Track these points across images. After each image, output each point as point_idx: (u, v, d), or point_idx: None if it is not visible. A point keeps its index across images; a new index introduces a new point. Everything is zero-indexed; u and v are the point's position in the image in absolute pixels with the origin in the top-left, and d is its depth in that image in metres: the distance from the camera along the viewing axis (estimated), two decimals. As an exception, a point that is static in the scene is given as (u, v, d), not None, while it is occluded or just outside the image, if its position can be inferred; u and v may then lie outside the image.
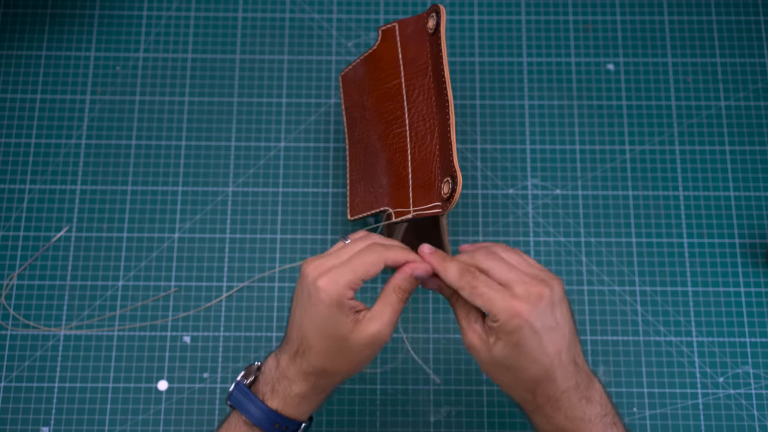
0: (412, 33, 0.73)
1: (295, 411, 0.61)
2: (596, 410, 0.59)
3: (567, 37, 0.90)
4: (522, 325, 0.56)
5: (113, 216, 0.83)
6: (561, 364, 0.58)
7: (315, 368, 0.60)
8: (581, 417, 0.58)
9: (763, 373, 0.78)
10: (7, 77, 0.88)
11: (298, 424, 0.62)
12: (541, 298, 0.57)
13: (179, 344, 0.80)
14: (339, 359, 0.59)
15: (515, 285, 0.58)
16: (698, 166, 0.85)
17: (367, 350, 0.59)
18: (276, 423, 0.60)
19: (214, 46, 0.89)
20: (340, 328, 0.58)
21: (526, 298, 0.57)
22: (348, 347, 0.59)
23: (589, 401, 0.59)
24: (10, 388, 0.78)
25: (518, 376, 0.59)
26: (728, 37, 0.89)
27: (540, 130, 0.86)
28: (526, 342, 0.57)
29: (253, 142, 0.86)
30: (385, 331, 0.59)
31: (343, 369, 0.60)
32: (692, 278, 0.82)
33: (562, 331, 0.58)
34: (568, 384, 0.58)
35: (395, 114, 0.73)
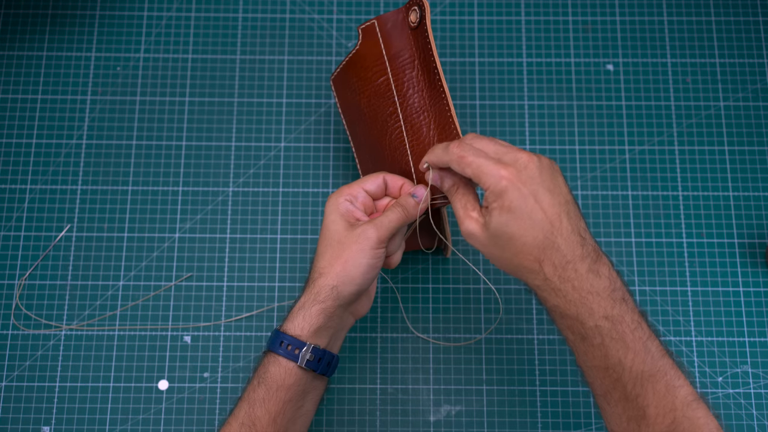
0: (392, 28, 0.73)
1: (294, 326, 0.64)
2: (605, 284, 0.58)
3: (567, 37, 0.90)
4: (509, 187, 0.58)
5: (114, 216, 0.84)
6: (563, 230, 0.58)
7: (314, 273, 0.65)
8: (589, 289, 0.58)
9: (762, 372, 0.79)
10: (8, 78, 0.88)
11: (300, 342, 0.64)
12: (528, 163, 0.59)
13: (179, 344, 0.80)
14: (329, 255, 0.65)
15: (504, 155, 0.60)
16: (698, 167, 0.85)
17: (354, 245, 0.64)
18: (281, 341, 0.64)
19: (214, 47, 0.89)
20: (336, 225, 0.65)
21: (513, 163, 0.59)
22: (340, 243, 0.65)
23: (597, 275, 0.58)
24: (11, 388, 0.78)
25: (520, 244, 0.59)
26: (728, 37, 0.89)
27: (540, 130, 0.87)
28: (519, 204, 0.58)
29: (253, 142, 0.86)
30: (370, 228, 0.64)
31: (335, 268, 0.64)
32: (692, 278, 0.82)
33: (559, 196, 0.59)
34: (574, 254, 0.58)
35: (388, 111, 0.73)
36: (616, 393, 0.58)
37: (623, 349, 0.57)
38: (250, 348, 0.80)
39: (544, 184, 0.59)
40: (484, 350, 0.80)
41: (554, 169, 0.60)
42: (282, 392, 0.64)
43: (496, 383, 0.79)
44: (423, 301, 0.81)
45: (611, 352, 0.57)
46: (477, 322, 0.81)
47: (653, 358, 0.57)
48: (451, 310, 0.81)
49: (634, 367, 0.57)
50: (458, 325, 0.80)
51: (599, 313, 0.57)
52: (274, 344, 0.65)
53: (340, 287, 0.64)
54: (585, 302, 0.58)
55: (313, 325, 0.64)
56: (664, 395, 0.56)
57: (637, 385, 0.57)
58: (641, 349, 0.57)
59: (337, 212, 0.66)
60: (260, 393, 0.64)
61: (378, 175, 0.68)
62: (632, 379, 0.57)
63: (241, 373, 0.79)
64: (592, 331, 0.58)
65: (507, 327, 0.80)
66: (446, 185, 0.65)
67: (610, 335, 0.57)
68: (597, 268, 0.58)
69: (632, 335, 0.57)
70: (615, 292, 0.58)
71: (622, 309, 0.58)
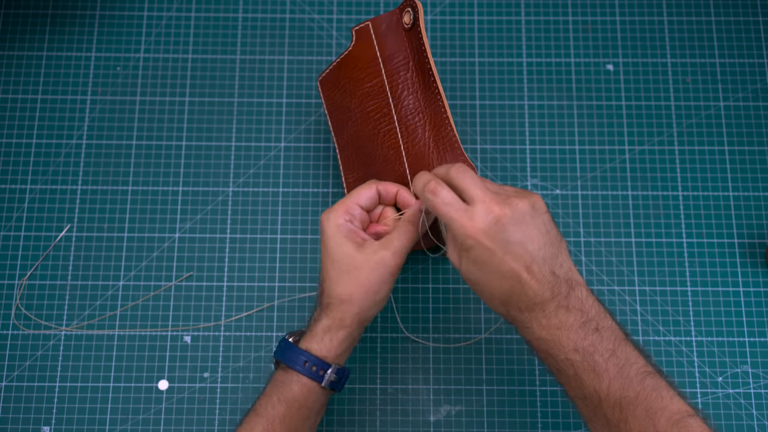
0: (386, 30, 0.73)
1: (320, 347, 0.65)
2: (574, 317, 0.58)
3: (567, 37, 0.90)
4: (475, 245, 0.59)
5: (114, 216, 0.84)
6: (533, 278, 0.58)
7: (330, 298, 0.65)
8: (557, 325, 0.58)
9: (762, 372, 0.79)
10: (8, 78, 0.88)
11: (326, 364, 0.64)
12: (499, 219, 0.58)
13: (179, 344, 0.80)
14: (346, 282, 0.64)
15: (477, 204, 0.59)
16: (698, 167, 0.85)
17: (371, 271, 0.64)
18: (305, 362, 0.64)
19: (214, 46, 0.89)
20: (342, 251, 0.64)
21: (482, 219, 0.58)
22: (351, 269, 0.64)
23: (567, 310, 0.58)
24: (11, 388, 0.78)
25: (488, 292, 0.60)
26: (728, 37, 0.89)
27: (540, 130, 0.87)
28: (485, 260, 0.59)
29: (253, 142, 0.86)
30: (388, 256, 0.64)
31: (353, 294, 0.64)
32: (692, 278, 0.82)
33: (530, 245, 0.59)
34: (542, 296, 0.59)
35: (382, 112, 0.73)
36: (599, 420, 0.58)
37: (597, 379, 0.57)
38: (250, 348, 0.80)
39: (516, 234, 0.59)
40: (484, 350, 0.80)
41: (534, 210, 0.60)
42: (303, 411, 0.65)
43: (496, 383, 0.79)
44: (423, 301, 0.81)
45: (586, 383, 0.58)
46: (477, 322, 0.81)
47: (631, 383, 0.57)
48: (451, 311, 0.81)
49: (611, 395, 0.57)
50: (458, 326, 0.80)
51: (569, 347, 0.58)
52: (295, 362, 0.65)
53: (363, 313, 0.65)
54: (553, 338, 0.58)
55: (340, 347, 0.65)
56: (644, 419, 0.56)
57: (617, 412, 0.57)
58: (617, 375, 0.57)
59: (340, 235, 0.65)
60: (280, 410, 0.64)
61: (370, 187, 0.67)
62: (611, 406, 0.57)
63: (241, 373, 0.79)
64: (564, 364, 0.59)
65: (507, 327, 0.80)
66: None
67: (582, 367, 0.58)
68: (567, 302, 0.59)
69: (606, 364, 0.57)
70: (587, 324, 0.58)
71: (593, 339, 0.58)
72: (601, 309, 0.60)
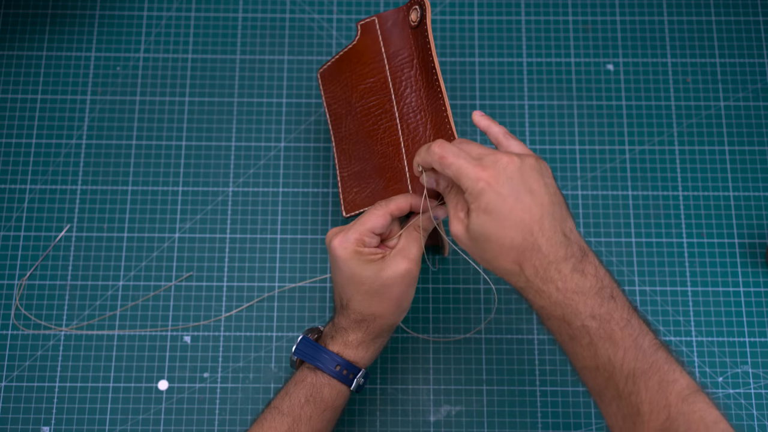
0: (392, 26, 0.73)
1: (354, 354, 0.66)
2: (590, 282, 0.57)
3: (567, 37, 0.90)
4: (486, 189, 0.57)
5: (113, 216, 0.84)
6: (544, 232, 0.57)
7: (361, 315, 0.65)
8: (574, 289, 0.56)
9: (763, 372, 0.79)
10: (8, 77, 0.88)
11: (357, 368, 0.66)
12: (508, 165, 0.58)
13: (179, 344, 0.80)
14: (377, 302, 0.65)
15: (485, 156, 0.59)
16: (698, 166, 0.85)
17: (399, 287, 0.64)
18: (337, 365, 0.65)
19: (214, 46, 0.89)
20: (366, 275, 0.64)
21: (492, 165, 0.58)
22: (380, 288, 0.64)
23: (582, 274, 0.57)
24: (11, 388, 0.78)
25: (498, 246, 0.58)
26: (728, 37, 0.89)
27: (540, 130, 0.87)
28: (496, 206, 0.57)
29: (253, 142, 0.86)
30: (411, 266, 0.64)
31: (386, 310, 0.65)
32: (692, 278, 0.82)
33: (539, 198, 0.58)
34: (556, 254, 0.57)
35: (383, 108, 0.73)
36: (609, 392, 0.57)
37: (612, 348, 0.56)
38: (250, 348, 0.80)
39: (525, 184, 0.58)
40: (484, 350, 0.80)
41: (540, 168, 0.59)
42: (329, 412, 0.66)
43: (496, 383, 0.79)
44: (422, 301, 0.81)
45: (600, 351, 0.56)
46: (477, 322, 0.80)
47: (645, 354, 0.56)
48: (451, 310, 0.81)
49: (625, 365, 0.56)
50: (458, 325, 0.80)
51: (585, 313, 0.56)
52: (326, 365, 0.65)
53: (397, 322, 0.67)
54: (570, 303, 0.56)
55: (374, 355, 0.68)
56: (657, 391, 0.55)
57: (629, 383, 0.55)
58: (631, 346, 0.56)
59: (361, 261, 0.64)
60: (307, 411, 0.65)
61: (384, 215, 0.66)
62: (623, 377, 0.56)
63: (241, 373, 0.79)
64: (579, 331, 0.57)
65: (507, 327, 0.80)
66: (441, 186, 0.65)
67: (598, 334, 0.56)
68: (582, 267, 0.57)
69: (621, 333, 0.56)
70: (602, 290, 0.57)
71: (610, 307, 0.57)
72: (612, 278, 0.59)
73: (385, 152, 0.72)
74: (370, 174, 0.73)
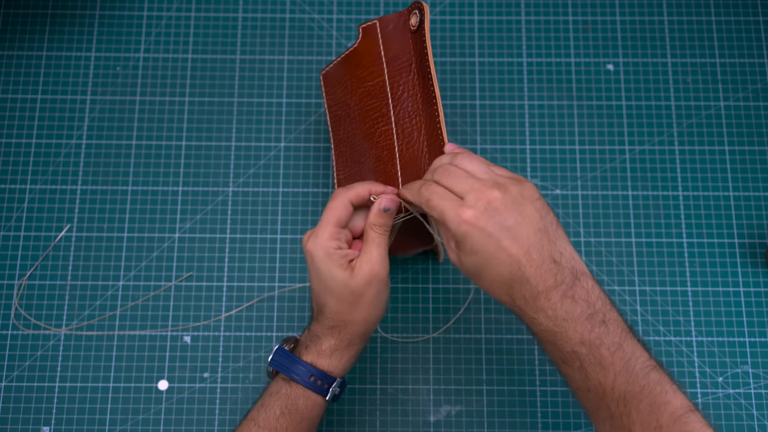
0: (393, 30, 0.73)
1: (328, 363, 0.65)
2: (581, 308, 0.57)
3: (567, 37, 0.90)
4: (470, 231, 0.58)
5: (113, 216, 0.84)
6: (532, 263, 0.58)
7: (334, 321, 0.65)
8: (563, 317, 0.57)
9: (763, 372, 0.79)
10: (8, 77, 0.88)
11: (331, 378, 0.65)
12: (491, 202, 0.58)
13: (179, 344, 0.80)
14: (348, 308, 0.64)
15: (467, 194, 0.59)
16: (698, 166, 0.85)
17: (369, 290, 0.63)
18: (311, 376, 0.65)
19: (214, 46, 0.89)
20: (337, 278, 0.63)
21: (474, 204, 0.58)
22: (351, 293, 0.63)
23: (572, 300, 0.57)
24: (11, 388, 0.78)
25: (489, 281, 0.59)
26: (728, 37, 0.89)
27: (540, 130, 0.87)
28: (480, 247, 0.58)
29: (253, 142, 0.86)
30: (376, 267, 0.63)
31: (357, 317, 0.64)
32: (692, 278, 0.82)
33: (525, 230, 0.58)
34: (545, 284, 0.58)
35: (380, 111, 0.73)
36: (602, 412, 0.58)
37: (602, 372, 0.57)
38: (250, 348, 0.80)
39: (510, 218, 0.58)
40: (484, 350, 0.80)
41: (524, 196, 0.59)
42: (305, 424, 0.65)
43: (496, 383, 0.79)
44: (423, 301, 0.81)
45: (591, 375, 0.57)
46: (477, 322, 0.81)
47: (636, 377, 0.56)
48: (449, 310, 0.81)
49: (616, 389, 0.57)
50: (458, 325, 0.80)
51: (575, 339, 0.57)
52: (301, 376, 0.65)
53: (370, 330, 0.66)
54: (560, 330, 0.57)
55: (348, 364, 0.67)
56: (648, 414, 0.55)
57: (620, 405, 0.57)
58: (622, 369, 0.57)
59: (333, 264, 0.63)
60: (283, 423, 0.64)
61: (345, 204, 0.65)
62: (615, 399, 0.57)
63: (240, 374, 0.79)
64: (570, 356, 0.58)
65: (507, 327, 0.80)
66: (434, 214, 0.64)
67: (588, 360, 0.57)
68: (573, 293, 0.58)
69: (612, 357, 0.57)
70: (593, 316, 0.58)
71: (600, 332, 0.57)
72: (606, 300, 0.59)
73: (380, 156, 0.72)
74: (364, 177, 0.73)
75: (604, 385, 0.57)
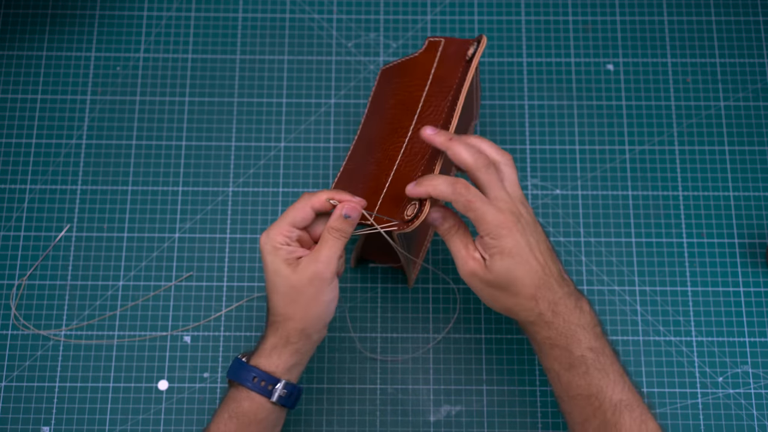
0: (452, 53, 0.74)
1: (268, 363, 0.65)
2: (588, 318, 0.64)
3: (567, 37, 0.90)
4: (510, 233, 0.63)
5: (113, 216, 0.84)
6: (552, 273, 0.64)
7: (275, 317, 0.65)
8: (576, 322, 0.64)
9: (763, 372, 0.79)
10: (8, 77, 0.88)
11: (274, 379, 0.65)
12: (521, 215, 0.65)
13: (179, 344, 0.80)
14: (287, 303, 0.65)
15: (500, 202, 0.64)
16: (698, 166, 0.85)
17: (309, 288, 0.64)
18: (254, 377, 0.65)
19: (214, 46, 0.89)
20: (280, 273, 0.64)
21: (510, 212, 0.64)
22: (291, 288, 0.64)
23: (581, 310, 0.64)
24: (11, 388, 0.78)
25: (520, 285, 0.63)
26: (728, 37, 0.89)
27: (540, 130, 0.87)
28: (518, 250, 0.63)
29: (253, 142, 0.86)
30: (320, 267, 0.64)
31: (297, 313, 0.65)
32: (692, 278, 0.82)
33: (544, 243, 0.65)
34: (562, 291, 0.64)
35: (403, 123, 0.73)
36: (596, 420, 0.63)
37: (605, 379, 0.63)
38: (250, 348, 0.80)
39: (535, 233, 0.65)
40: (485, 350, 0.80)
41: (536, 221, 0.66)
42: (253, 427, 0.65)
43: (496, 383, 0.79)
44: (423, 301, 0.81)
45: (594, 381, 0.63)
46: (477, 322, 0.81)
47: (629, 389, 0.63)
48: (449, 310, 0.81)
49: (614, 397, 0.63)
50: (458, 325, 0.80)
51: (585, 345, 0.63)
52: (245, 378, 0.65)
53: (309, 328, 0.66)
54: (574, 334, 0.63)
55: (288, 363, 0.66)
56: (640, 424, 0.62)
57: (615, 413, 0.62)
58: (619, 380, 0.63)
59: (278, 259, 0.65)
60: (231, 427, 0.65)
61: (305, 208, 0.66)
62: (611, 407, 0.62)
63: (241, 373, 0.79)
64: (578, 360, 0.63)
65: (507, 327, 0.80)
66: (446, 225, 0.66)
67: (594, 365, 0.63)
68: (581, 305, 0.65)
69: (611, 367, 0.63)
70: (596, 328, 0.65)
71: (602, 342, 0.64)
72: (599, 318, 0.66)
73: (380, 162, 0.72)
74: (359, 175, 0.74)
75: (605, 392, 0.63)
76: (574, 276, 0.81)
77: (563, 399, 0.65)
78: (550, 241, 0.68)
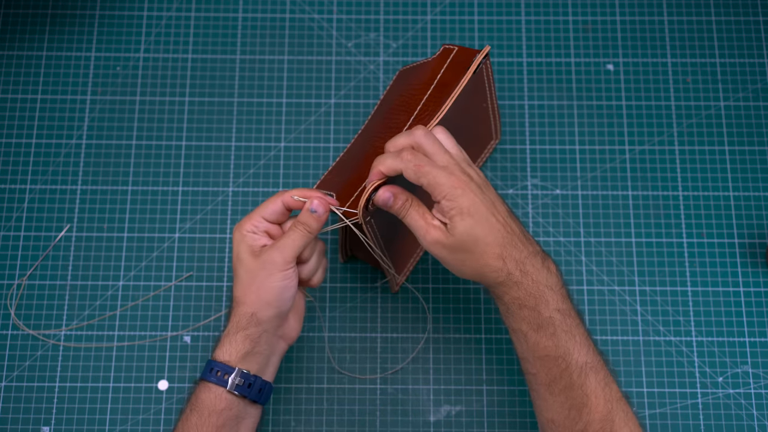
0: (460, 62, 0.74)
1: (221, 352, 0.66)
2: (555, 279, 0.64)
3: (567, 37, 0.90)
4: (465, 192, 0.62)
5: (113, 216, 0.84)
6: (514, 232, 0.64)
7: (233, 302, 0.67)
8: (545, 282, 0.63)
9: (763, 372, 0.79)
10: (8, 77, 0.88)
11: (228, 367, 0.65)
12: (471, 177, 0.64)
13: (179, 344, 0.80)
14: (244, 287, 0.66)
15: (452, 166, 0.64)
16: (698, 166, 0.85)
17: (261, 272, 0.65)
18: (212, 368, 0.66)
19: (214, 46, 0.89)
20: (242, 258, 0.66)
21: (460, 173, 0.64)
22: (247, 272, 0.66)
23: (549, 271, 0.64)
24: (11, 388, 0.78)
25: (484, 245, 0.63)
26: (728, 37, 0.89)
27: (540, 130, 0.87)
28: (476, 208, 0.62)
29: (253, 142, 0.86)
30: (275, 253, 0.65)
31: (249, 297, 0.66)
32: (692, 278, 0.82)
33: (499, 205, 0.65)
34: (528, 250, 0.64)
35: (398, 121, 0.74)
36: (562, 381, 0.63)
37: (571, 341, 0.63)
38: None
39: (489, 193, 0.65)
40: (485, 350, 0.80)
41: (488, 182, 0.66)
42: (213, 417, 0.65)
43: (496, 383, 0.79)
44: (423, 301, 0.81)
45: (561, 342, 0.63)
46: (477, 322, 0.81)
47: (594, 352, 0.64)
48: (449, 310, 0.81)
49: (579, 359, 0.63)
50: (458, 325, 0.80)
51: (553, 306, 0.63)
52: (205, 372, 0.66)
53: (259, 313, 0.66)
54: (542, 294, 0.63)
55: (240, 350, 0.66)
56: (604, 386, 0.63)
57: (582, 375, 0.62)
58: (584, 342, 0.63)
59: (243, 245, 0.66)
60: (193, 420, 0.65)
61: (275, 201, 0.67)
62: (578, 368, 0.62)
63: (241, 373, 0.79)
64: (546, 321, 0.63)
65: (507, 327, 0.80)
66: (399, 202, 0.65)
67: (561, 326, 0.63)
68: (548, 265, 0.64)
69: (577, 329, 0.64)
70: (562, 289, 0.65)
71: (568, 305, 0.64)
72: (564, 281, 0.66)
73: (369, 157, 0.72)
74: (347, 168, 0.74)
75: (571, 353, 0.63)
76: (573, 276, 0.82)
77: (529, 360, 0.64)
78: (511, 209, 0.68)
